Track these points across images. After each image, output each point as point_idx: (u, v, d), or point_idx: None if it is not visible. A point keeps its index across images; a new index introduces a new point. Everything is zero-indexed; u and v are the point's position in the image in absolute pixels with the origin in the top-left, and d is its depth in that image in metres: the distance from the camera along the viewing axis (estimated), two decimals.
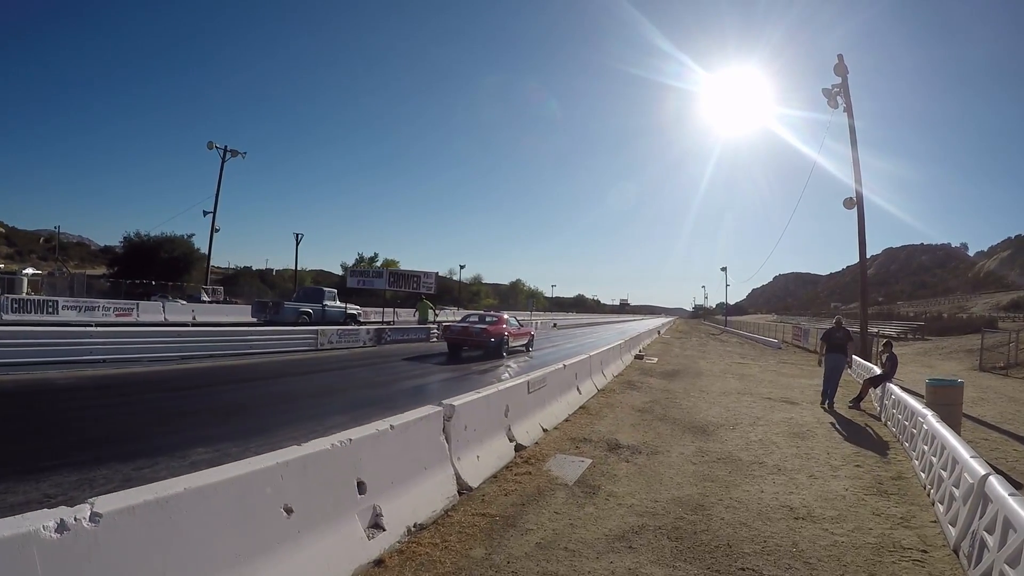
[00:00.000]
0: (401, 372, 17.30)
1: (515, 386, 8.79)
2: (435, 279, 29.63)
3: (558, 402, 10.90)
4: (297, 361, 18.50)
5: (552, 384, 10.75)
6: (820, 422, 11.21)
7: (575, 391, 12.45)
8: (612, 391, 14.35)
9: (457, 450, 6.25)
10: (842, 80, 23.18)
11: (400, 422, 5.32)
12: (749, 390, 15.49)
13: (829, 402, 13.15)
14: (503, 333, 22.34)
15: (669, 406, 12.50)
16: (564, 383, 11.70)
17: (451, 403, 6.31)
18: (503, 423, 7.90)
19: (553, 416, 10.19)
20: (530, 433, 8.73)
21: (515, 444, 7.99)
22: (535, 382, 9.70)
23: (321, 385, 14.25)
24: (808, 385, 16.92)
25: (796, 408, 12.76)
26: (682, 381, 16.97)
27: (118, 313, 29.54)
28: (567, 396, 11.66)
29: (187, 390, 12.32)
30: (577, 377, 12.84)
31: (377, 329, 24.96)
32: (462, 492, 6.02)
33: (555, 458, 7.82)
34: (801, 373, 20.72)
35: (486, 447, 7.08)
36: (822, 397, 13.41)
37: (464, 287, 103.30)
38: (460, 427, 6.36)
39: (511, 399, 8.31)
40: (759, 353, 31.63)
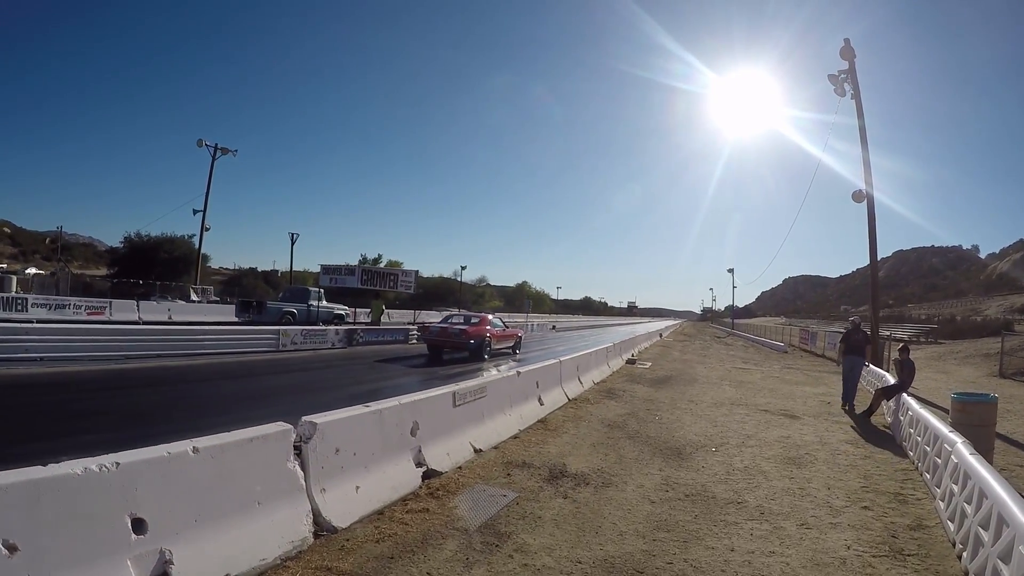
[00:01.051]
0: (358, 376, 15.93)
1: (431, 398, 7.11)
2: (415, 278, 28.16)
3: (506, 415, 9.16)
4: (248, 363, 17.17)
5: (497, 394, 9.00)
6: (823, 442, 9.24)
7: (535, 402, 10.64)
8: (586, 401, 12.48)
9: (321, 479, 4.87)
10: (849, 65, 21.11)
11: (211, 443, 4.05)
12: (745, 400, 13.56)
13: (849, 405, 12.90)
14: (484, 335, 20.94)
15: (647, 420, 10.64)
16: (518, 393, 9.94)
17: (312, 420, 4.96)
18: (407, 444, 6.30)
19: (494, 433, 8.44)
20: (452, 456, 7.06)
21: (424, 470, 6.36)
22: (465, 393, 7.93)
23: (252, 389, 13.06)
24: (812, 395, 14.98)
25: (796, 424, 10.82)
26: (671, 389, 15.07)
27: (90, 311, 28.15)
28: (522, 408, 9.89)
29: (100, 391, 11.35)
30: (539, 386, 11.00)
31: (348, 330, 23.36)
32: (320, 534, 4.62)
33: (472, 490, 6.12)
34: (806, 380, 18.71)
35: (375, 475, 5.56)
36: (842, 400, 13.25)
37: (468, 288, 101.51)
38: (327, 450, 5.01)
39: (422, 414, 6.65)
40: (763, 358, 29.47)
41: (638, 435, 9.34)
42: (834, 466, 7.78)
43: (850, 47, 21.12)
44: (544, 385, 11.26)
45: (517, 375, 10.11)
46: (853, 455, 8.51)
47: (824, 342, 31.43)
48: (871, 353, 15.41)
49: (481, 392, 8.42)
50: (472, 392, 8.13)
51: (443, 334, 20.89)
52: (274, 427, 4.65)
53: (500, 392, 9.16)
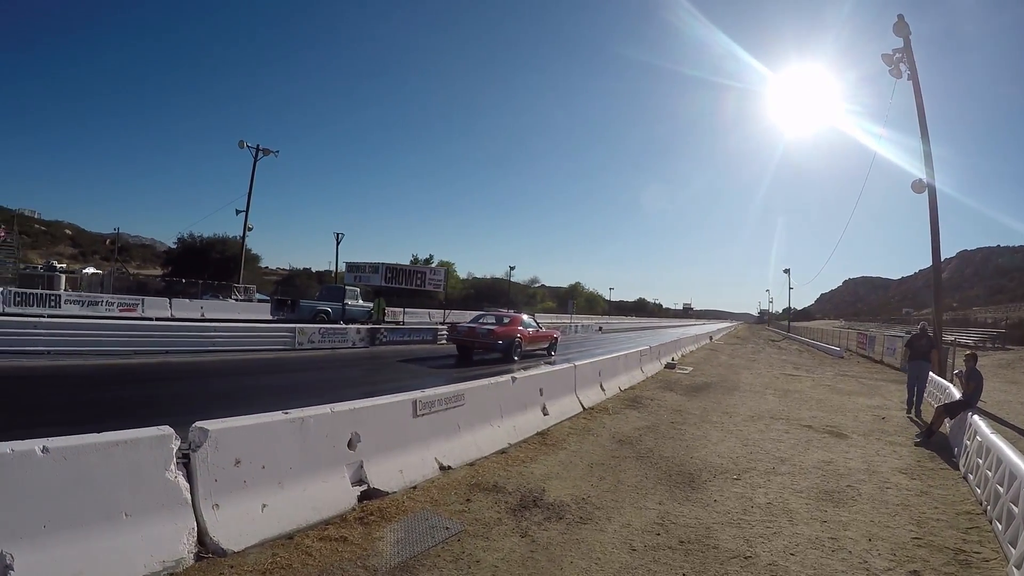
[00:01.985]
0: (369, 376, 15.13)
1: (379, 406, 6.00)
2: (444, 276, 26.99)
3: (493, 427, 7.90)
4: (256, 360, 16.33)
5: (480, 403, 7.73)
6: (870, 469, 7.56)
7: (536, 412, 9.28)
8: (603, 411, 11.03)
9: (214, 494, 4.26)
10: (904, 42, 18.94)
11: (66, 444, 3.62)
12: (787, 413, 11.87)
13: (916, 410, 12.32)
14: (514, 335, 19.60)
15: (666, 436, 9.15)
16: (513, 401, 8.61)
17: (203, 426, 4.32)
18: (342, 459, 5.39)
19: (472, 447, 7.21)
20: (408, 473, 5.99)
21: (363, 490, 5.42)
22: (432, 400, 6.71)
23: (240, 388, 12.19)
24: (865, 407, 13.18)
25: (841, 444, 9.13)
26: (706, 398, 13.48)
27: (122, 308, 27.90)
28: (517, 419, 8.57)
29: (81, 385, 11.02)
30: (543, 393, 9.63)
31: (371, 329, 22.26)
32: (205, 556, 4.02)
33: (413, 517, 5.10)
34: (860, 389, 16.71)
35: (291, 492, 4.80)
36: (907, 406, 12.68)
37: (520, 289, 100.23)
38: (223, 461, 4.38)
39: (366, 424, 5.65)
40: (817, 363, 27.20)
41: (649, 455, 7.89)
42: (881, 505, 6.15)
43: (904, 23, 18.99)
44: (551, 392, 9.89)
45: (512, 381, 8.73)
46: (906, 490, 6.80)
47: (883, 347, 28.89)
48: (937, 360, 14.01)
49: (457, 400, 7.19)
50: (443, 400, 6.94)
51: (470, 334, 19.74)
52: (149, 431, 4.05)
53: (485, 400, 7.90)
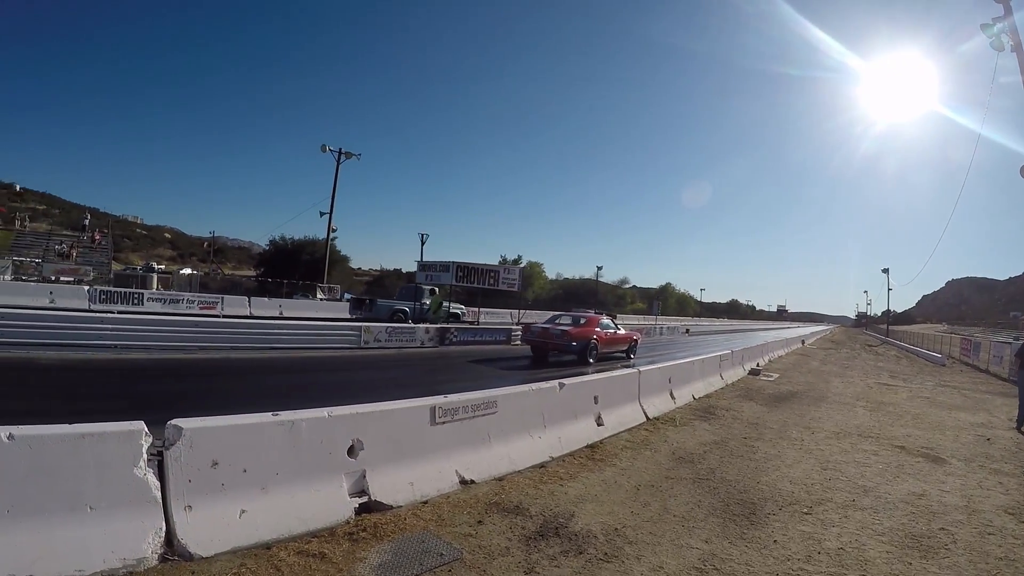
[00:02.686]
0: (433, 376, 15.15)
1: (388, 411, 5.46)
2: (519, 275, 26.14)
3: (532, 438, 7.15)
4: (318, 359, 16.44)
5: (518, 410, 7.02)
6: (971, 508, 6.25)
7: (588, 422, 8.44)
8: (670, 422, 10.04)
9: (187, 495, 4.03)
10: (1004, 8, 16.87)
11: (31, 433, 3.57)
12: (878, 430, 10.49)
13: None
14: (589, 337, 18.80)
15: (734, 454, 8.09)
16: (559, 409, 7.79)
17: (178, 423, 4.09)
18: (341, 467, 4.94)
19: (504, 460, 6.52)
20: (420, 486, 5.43)
21: (363, 502, 4.93)
22: (457, 407, 6.08)
23: (295, 385, 12.50)
24: (969, 425, 11.62)
25: (938, 472, 7.79)
26: (789, 410, 12.24)
27: (202, 306, 28.80)
28: (564, 429, 7.75)
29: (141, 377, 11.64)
30: (598, 401, 8.73)
31: (440, 328, 21.76)
32: (170, 558, 3.81)
33: (409, 538, 4.52)
34: (963, 403, 14.89)
35: (276, 500, 4.44)
36: (1017, 422, 11.45)
37: (609, 290, 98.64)
38: (199, 461, 4.12)
39: (369, 430, 5.15)
40: (916, 371, 25.04)
41: (710, 477, 6.91)
42: (980, 558, 4.90)
43: None
44: (608, 400, 8.98)
45: (559, 387, 7.89)
46: (1012, 538, 5.46)
47: (989, 354, 26.28)
48: None
49: (487, 407, 6.48)
50: (470, 406, 6.24)
51: (544, 335, 19.16)
52: (119, 426, 3.92)
53: (523, 408, 7.17)
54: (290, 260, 59.28)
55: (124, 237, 79.89)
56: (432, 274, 26.13)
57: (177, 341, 15.08)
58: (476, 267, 25.39)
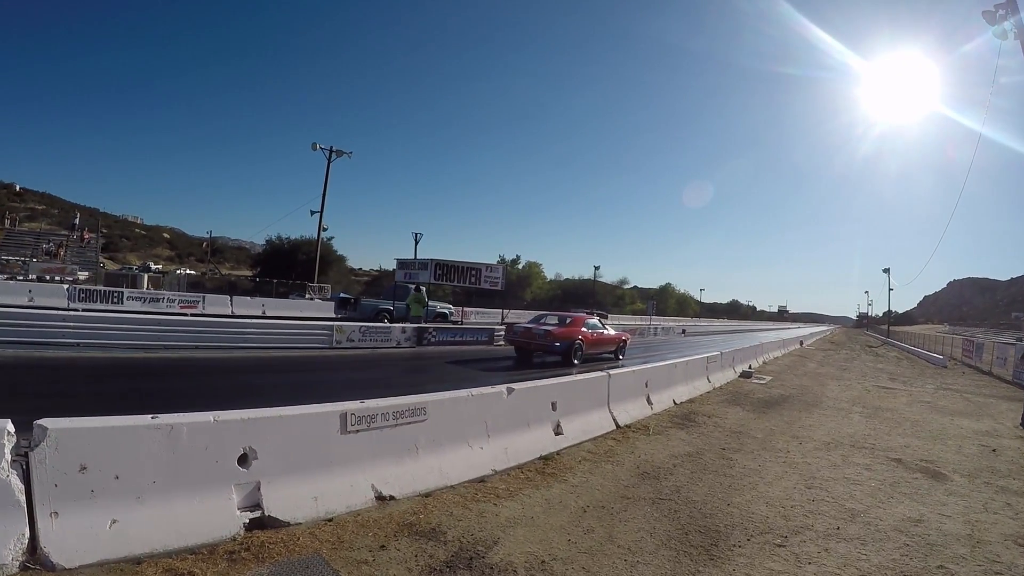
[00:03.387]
0: (395, 379, 14.23)
1: (289, 417, 4.85)
2: (503, 273, 25.08)
3: (472, 449, 6.34)
4: (283, 358, 15.60)
5: (453, 418, 6.19)
6: (974, 537, 5.24)
7: (544, 430, 7.51)
8: (642, 430, 9.07)
9: (54, 501, 3.63)
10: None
11: None
12: (873, 440, 9.48)
13: None
14: (574, 337, 17.88)
15: (707, 469, 7.14)
16: (508, 417, 6.92)
17: (44, 423, 3.67)
18: (231, 477, 4.39)
19: (434, 474, 5.73)
20: (325, 501, 4.76)
21: (254, 517, 4.36)
22: (375, 413, 5.35)
23: (242, 386, 11.66)
24: (972, 432, 10.60)
25: (938, 490, 6.79)
26: (777, 416, 11.24)
27: (183, 305, 28.18)
28: (513, 439, 6.88)
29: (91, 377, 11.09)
30: (557, 408, 7.79)
31: (418, 328, 20.74)
32: (31, 567, 3.43)
33: (293, 561, 3.95)
34: (965, 408, 13.83)
35: (152, 511, 3.96)
36: (1022, 423, 11.37)
37: (609, 290, 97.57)
38: (66, 465, 3.69)
39: (266, 439, 4.58)
40: (917, 373, 23.94)
41: (673, 496, 5.95)
42: None
43: None
44: (569, 407, 8.05)
45: (507, 393, 6.97)
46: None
47: (992, 356, 25.13)
48: None
49: (415, 414, 5.70)
50: (391, 413, 5.47)
51: (527, 335, 18.27)
52: None
53: (461, 415, 6.34)
54: (287, 260, 58.57)
55: (123, 237, 78.88)
56: (411, 272, 25.16)
57: (142, 340, 14.55)
58: (456, 265, 24.37)
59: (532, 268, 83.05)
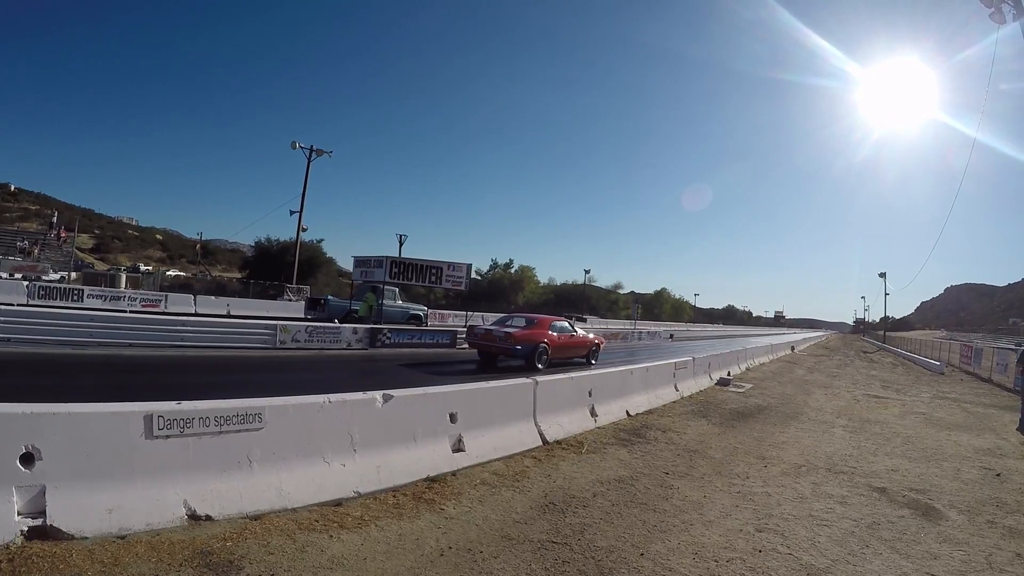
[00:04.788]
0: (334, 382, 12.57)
1: (78, 415, 4.01)
2: (467, 272, 23.37)
3: (329, 465, 5.06)
4: (216, 358, 14.48)
5: (303, 428, 5.01)
6: None
7: (439, 446, 6.06)
8: (574, 447, 7.47)
9: None
10: None
11: None
12: (855, 461, 7.83)
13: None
14: (537, 340, 16.40)
15: (634, 501, 5.57)
16: (384, 428, 5.58)
17: None
18: (8, 477, 3.63)
19: (270, 492, 4.62)
20: (121, 515, 3.94)
21: (34, 525, 3.61)
22: (186, 416, 4.35)
23: (136, 384, 10.43)
24: (971, 450, 8.92)
25: (929, 533, 5.17)
26: (747, 431, 9.58)
27: (145, 304, 27.92)
28: (393, 455, 5.54)
29: None
30: (457, 420, 6.28)
31: (371, 329, 19.22)
32: None
33: None
34: (964, 420, 12.12)
35: None
36: (1020, 423, 10.99)
37: (602, 295, 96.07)
38: None
39: (51, 438, 3.81)
40: (912, 380, 22.19)
41: (571, 540, 4.44)
42: None
43: None
44: (476, 418, 6.57)
45: (382, 400, 5.51)
46: None
47: (992, 362, 23.07)
48: None
49: (248, 420, 4.63)
50: (216, 418, 4.47)
51: (487, 337, 16.81)
52: None
53: (314, 424, 5.08)
54: (276, 262, 57.45)
55: (115, 238, 77.84)
56: (367, 271, 23.57)
57: (73, 336, 13.97)
58: (415, 263, 22.72)
59: (525, 272, 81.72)
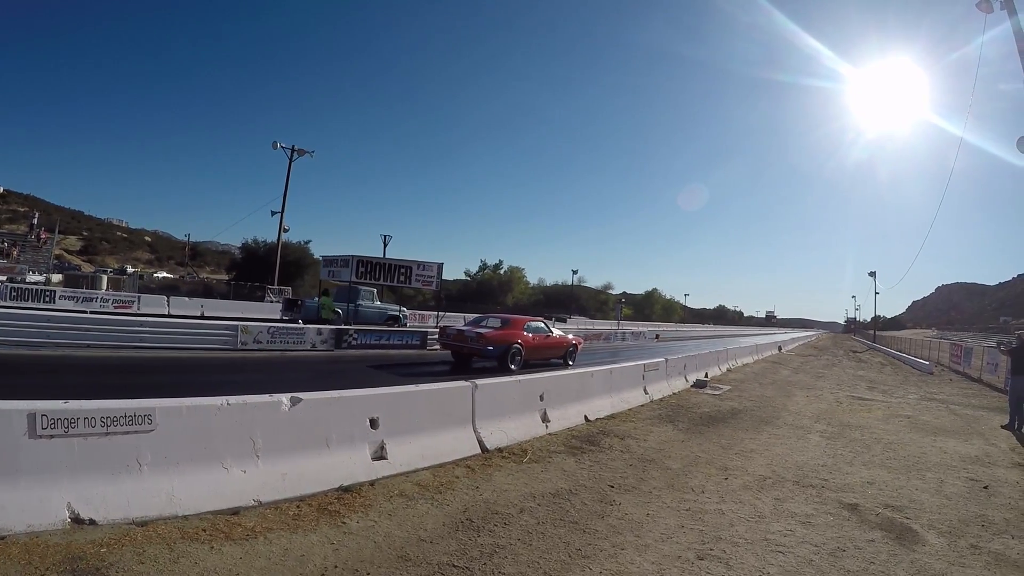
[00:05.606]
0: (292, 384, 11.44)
1: None
2: (438, 271, 22.55)
3: (231, 472, 4.67)
4: (174, 359, 13.87)
5: (199, 431, 4.62)
6: None
7: (358, 453, 5.48)
8: (516, 455, 6.76)
9: None
10: None
11: None
12: (826, 474, 7.06)
13: (1020, 423, 10.58)
14: (510, 340, 15.74)
15: (562, 520, 4.86)
16: (292, 433, 5.10)
17: None
18: None
19: (163, 497, 4.28)
20: (1, 516, 3.63)
21: None
22: (73, 416, 4.05)
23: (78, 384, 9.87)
24: (958, 458, 8.18)
25: (903, 562, 4.39)
26: (714, 438, 8.81)
27: (117, 305, 27.60)
28: (306, 462, 5.06)
29: None
30: (379, 425, 5.68)
31: (337, 330, 18.46)
32: None
33: None
34: (951, 424, 11.37)
35: None
36: (1009, 424, 10.78)
37: (592, 295, 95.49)
38: None
39: None
40: (900, 381, 21.42)
41: (476, 564, 3.86)
42: None
43: None
44: (400, 425, 5.93)
45: (290, 403, 5.04)
46: None
47: (983, 361, 22.35)
48: None
49: (137, 422, 4.28)
50: (103, 418, 4.14)
51: (459, 338, 16.18)
52: None
53: (212, 427, 4.66)
54: (262, 263, 56.88)
55: (103, 240, 76.97)
56: (334, 270, 22.83)
57: (30, 337, 13.46)
58: (382, 262, 21.97)
59: (514, 273, 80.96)
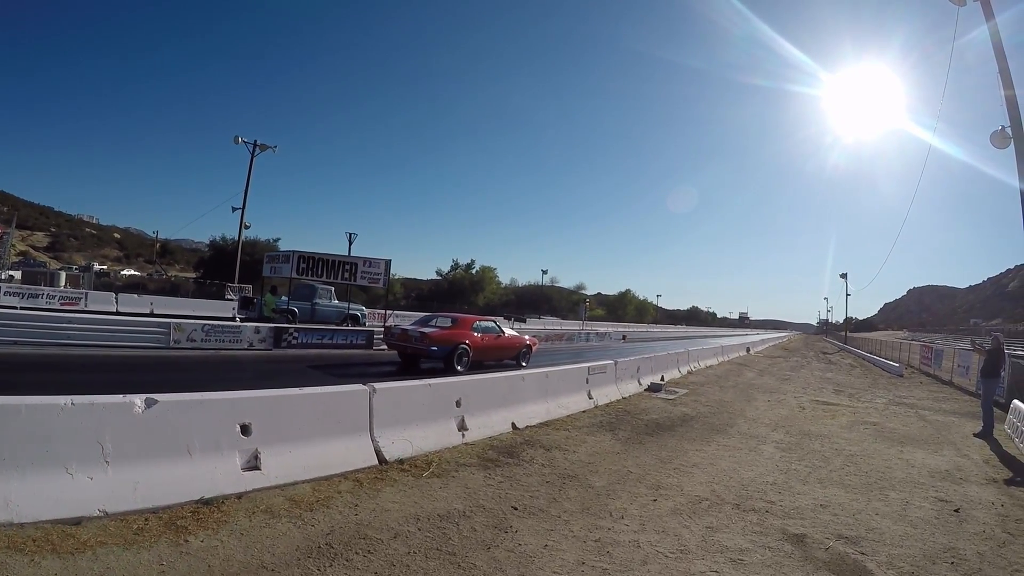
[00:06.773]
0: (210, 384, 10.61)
1: None
2: (385, 268, 21.52)
3: (76, 479, 4.03)
4: (94, 356, 13.04)
5: (33, 432, 3.98)
6: None
7: (226, 463, 4.66)
8: (420, 467, 5.86)
9: None
10: None
11: None
12: (774, 493, 6.14)
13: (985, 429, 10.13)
14: (457, 340, 14.99)
15: (438, 551, 3.96)
16: (155, 439, 4.47)
17: None
18: None
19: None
20: None
21: None
22: None
23: None
24: (927, 474, 7.33)
25: None
26: (655, 449, 7.88)
27: (64, 302, 27.17)
28: (163, 472, 4.38)
29: None
30: (252, 432, 4.88)
31: (276, 328, 17.59)
32: None
33: None
34: (921, 432, 10.49)
35: None
36: (983, 426, 10.25)
37: (565, 295, 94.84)
38: None
39: None
40: (868, 383, 20.59)
41: None
42: None
43: None
44: (278, 432, 5.13)
45: (144, 406, 4.43)
46: None
47: (953, 363, 21.72)
48: None
49: None
50: None
51: (403, 338, 15.32)
52: None
53: (49, 430, 4.01)
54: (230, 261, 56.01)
55: (71, 236, 75.08)
56: (275, 266, 21.83)
57: None
58: (324, 258, 20.87)
59: (486, 272, 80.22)
